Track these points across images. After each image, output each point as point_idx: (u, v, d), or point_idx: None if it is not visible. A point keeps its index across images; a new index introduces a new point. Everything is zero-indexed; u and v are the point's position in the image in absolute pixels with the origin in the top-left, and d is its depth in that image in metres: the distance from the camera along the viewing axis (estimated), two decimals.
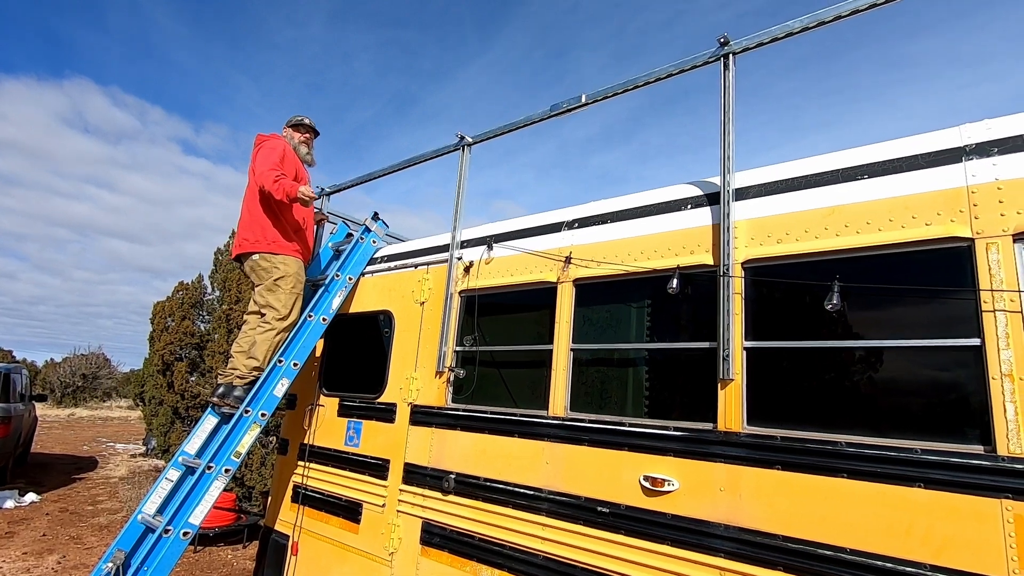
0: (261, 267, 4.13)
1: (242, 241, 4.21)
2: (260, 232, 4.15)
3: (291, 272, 4.15)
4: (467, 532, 3.24)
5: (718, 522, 2.41)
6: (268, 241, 4.14)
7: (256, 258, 4.14)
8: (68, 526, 7.74)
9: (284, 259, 4.15)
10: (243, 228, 4.24)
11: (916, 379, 2.23)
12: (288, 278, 4.12)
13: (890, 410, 2.25)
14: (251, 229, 4.17)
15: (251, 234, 4.16)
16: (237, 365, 3.99)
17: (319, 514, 4.18)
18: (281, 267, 4.12)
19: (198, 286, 12.71)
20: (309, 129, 4.69)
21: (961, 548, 1.91)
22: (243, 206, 4.32)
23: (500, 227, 3.74)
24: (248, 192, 4.30)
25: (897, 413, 2.22)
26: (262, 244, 4.13)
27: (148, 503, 3.68)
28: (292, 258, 4.20)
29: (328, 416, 4.39)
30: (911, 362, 2.23)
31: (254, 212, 4.19)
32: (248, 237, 4.17)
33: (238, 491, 8.14)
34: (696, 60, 2.94)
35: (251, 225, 4.18)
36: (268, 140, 4.37)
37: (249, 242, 4.16)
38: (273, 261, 4.13)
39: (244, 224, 4.24)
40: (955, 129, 2.24)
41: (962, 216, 2.11)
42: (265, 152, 4.20)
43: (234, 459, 3.72)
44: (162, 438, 11.10)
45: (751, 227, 2.62)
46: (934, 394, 2.18)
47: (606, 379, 3.10)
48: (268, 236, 4.14)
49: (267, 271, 4.12)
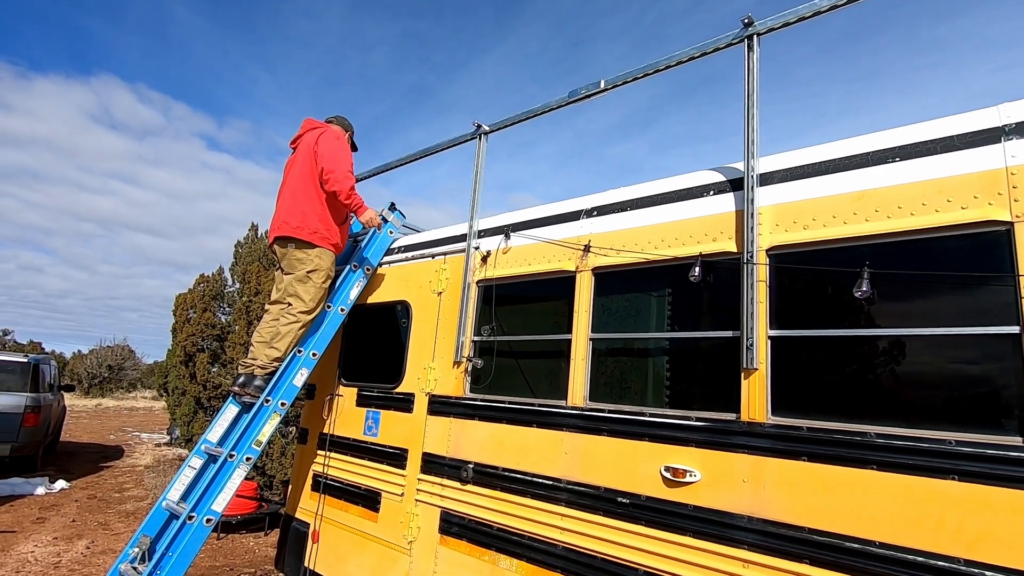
0: (296, 257, 4.04)
1: (282, 224, 4.06)
2: (303, 219, 4.02)
3: (324, 267, 4.06)
4: (485, 521, 3.24)
5: (741, 514, 2.37)
6: (310, 231, 4.01)
7: (292, 247, 4.04)
8: (96, 512, 7.94)
9: (320, 252, 4.04)
10: (286, 210, 4.08)
11: (949, 369, 2.15)
12: (320, 272, 4.03)
13: (921, 401, 2.18)
14: (295, 214, 4.03)
15: (293, 218, 4.02)
16: (258, 355, 4.01)
17: (339, 502, 4.21)
18: (316, 260, 4.03)
19: (219, 279, 12.90)
20: (352, 134, 4.63)
21: (996, 542, 1.85)
22: (289, 187, 4.15)
23: (518, 216, 3.70)
24: (298, 174, 4.12)
25: (929, 404, 2.15)
26: (304, 231, 4.00)
27: (172, 490, 3.74)
28: (327, 252, 4.09)
29: (347, 406, 4.41)
30: (944, 351, 2.15)
31: (301, 197, 4.05)
32: (290, 221, 4.03)
33: (259, 480, 8.27)
34: (719, 42, 2.87)
35: (295, 210, 4.04)
36: (334, 127, 4.29)
37: (290, 226, 4.02)
38: (309, 254, 4.03)
39: (288, 207, 4.08)
40: (993, 109, 2.15)
41: (1000, 199, 2.02)
42: (337, 145, 4.10)
43: (255, 448, 3.76)
44: (185, 427, 11.32)
45: (776, 213, 2.55)
46: (968, 384, 2.10)
47: (625, 369, 3.07)
48: (310, 225, 4.02)
49: (301, 261, 4.02)
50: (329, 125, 4.38)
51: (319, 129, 4.24)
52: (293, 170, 4.20)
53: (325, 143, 4.10)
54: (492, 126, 3.96)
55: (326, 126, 4.33)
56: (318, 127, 4.29)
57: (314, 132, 4.22)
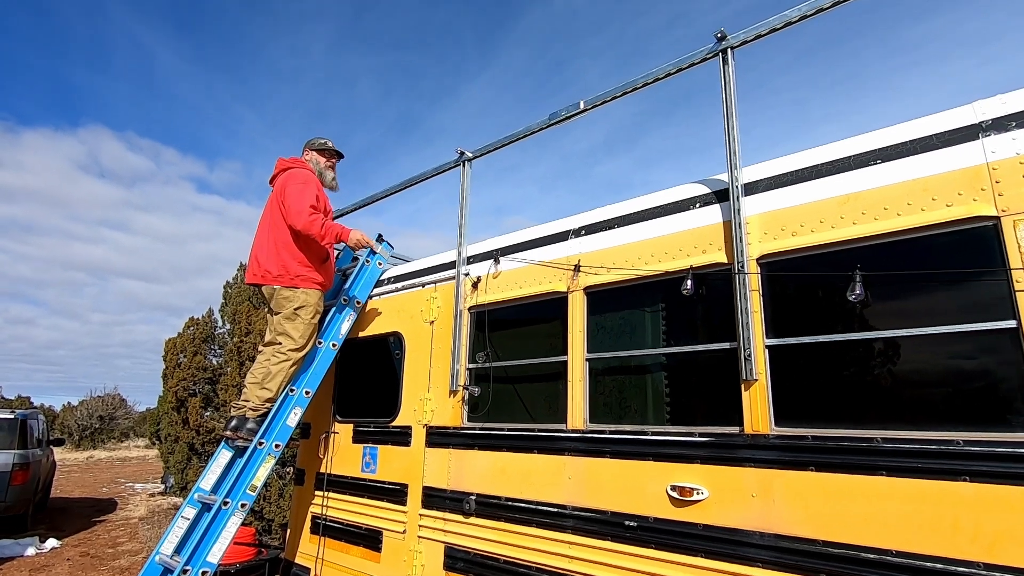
0: (283, 296, 4.01)
1: (264, 272, 4.05)
2: (283, 267, 4.01)
3: (312, 302, 4.03)
4: (491, 555, 3.14)
5: (753, 530, 2.30)
6: (292, 276, 4.01)
7: (278, 288, 4.02)
8: (89, 570, 7.66)
9: (306, 291, 4.03)
10: (265, 258, 4.07)
11: (950, 367, 2.13)
12: (308, 308, 4.01)
13: (925, 401, 2.15)
14: (275, 262, 4.02)
15: (275, 267, 4.02)
16: (250, 396, 3.93)
17: (339, 544, 4.08)
18: (302, 297, 4.00)
19: (209, 321, 12.76)
20: (334, 153, 4.53)
21: (1016, 543, 1.80)
22: (265, 234, 4.14)
23: (506, 240, 3.69)
24: (272, 221, 4.12)
25: (932, 404, 2.12)
26: (285, 279, 4.00)
27: (165, 543, 3.61)
28: (314, 290, 4.07)
29: (343, 443, 4.31)
30: (943, 350, 2.13)
31: (279, 244, 4.03)
32: (271, 270, 4.02)
33: (257, 524, 8.04)
34: (694, 57, 2.90)
35: (275, 257, 4.03)
36: (296, 170, 4.22)
37: (272, 275, 4.01)
38: (296, 291, 4.01)
39: (267, 255, 4.07)
40: (968, 107, 2.17)
41: (984, 194, 2.03)
42: (298, 189, 4.05)
43: (250, 493, 3.65)
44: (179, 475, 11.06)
45: (764, 221, 2.54)
46: (970, 382, 2.07)
47: (624, 388, 3.02)
48: (292, 271, 4.02)
49: (288, 300, 4.00)
50: (296, 163, 4.34)
51: (288, 170, 4.24)
52: (268, 214, 4.20)
53: (288, 192, 4.06)
54: (475, 152, 3.97)
55: (293, 164, 4.30)
56: (287, 167, 4.28)
57: (284, 175, 4.22)
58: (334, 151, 4.54)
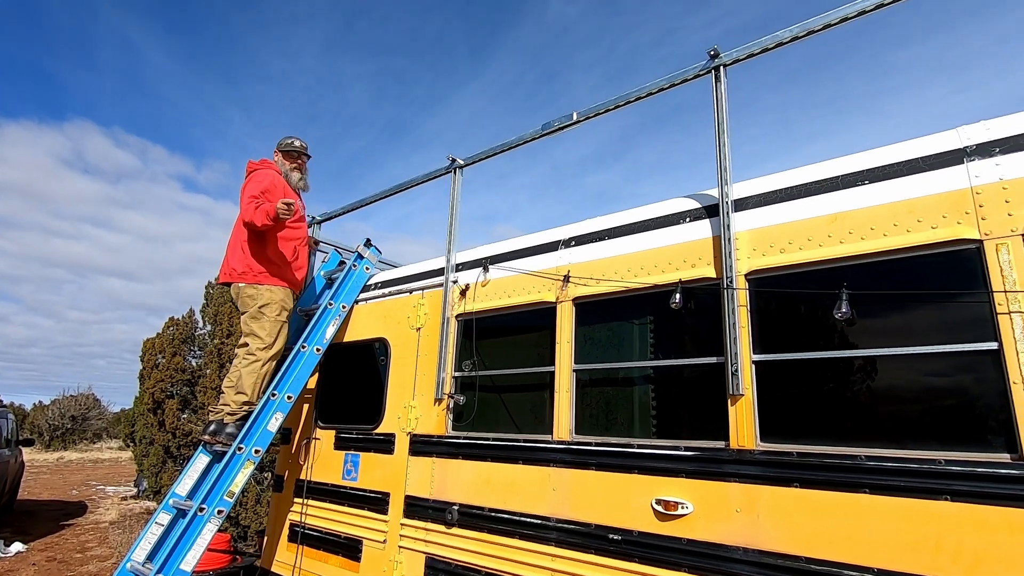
0: (247, 294, 4.08)
1: (230, 271, 4.15)
2: (246, 263, 4.09)
3: (276, 300, 4.07)
4: (473, 566, 3.10)
5: (736, 545, 2.30)
6: (255, 273, 4.09)
7: (243, 285, 4.08)
8: None
9: (269, 288, 4.09)
10: (230, 257, 4.19)
11: (933, 387, 2.16)
12: (273, 305, 4.05)
13: (908, 420, 2.17)
14: (238, 259, 4.12)
15: (238, 264, 4.11)
16: (227, 401, 3.88)
17: (317, 553, 4.01)
18: (266, 294, 4.06)
19: (189, 321, 12.53)
20: (300, 153, 4.51)
21: (995, 562, 1.82)
22: (233, 235, 4.26)
23: (496, 248, 3.68)
24: (237, 220, 4.24)
25: (916, 423, 2.15)
26: (248, 276, 4.08)
27: (137, 550, 3.52)
28: (278, 287, 4.13)
29: (324, 449, 4.25)
30: (927, 369, 2.16)
31: (241, 242, 4.13)
32: (236, 267, 4.12)
33: (233, 531, 7.87)
34: (687, 73, 2.93)
35: (238, 255, 4.13)
36: (258, 170, 4.29)
37: (237, 272, 4.11)
38: (259, 289, 4.08)
39: (232, 253, 4.19)
40: (953, 131, 2.22)
41: (968, 217, 2.07)
42: (251, 184, 4.15)
43: (227, 499, 3.57)
44: (153, 479, 10.80)
45: (753, 238, 2.57)
46: (953, 402, 2.10)
47: (611, 400, 3.01)
48: (254, 268, 4.09)
49: (252, 298, 4.06)
50: (263, 164, 4.34)
51: (252, 172, 4.27)
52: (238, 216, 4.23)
53: (242, 194, 4.11)
54: (467, 160, 3.96)
55: (259, 167, 4.31)
56: (253, 170, 4.30)
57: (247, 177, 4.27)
58: (300, 151, 4.50)
